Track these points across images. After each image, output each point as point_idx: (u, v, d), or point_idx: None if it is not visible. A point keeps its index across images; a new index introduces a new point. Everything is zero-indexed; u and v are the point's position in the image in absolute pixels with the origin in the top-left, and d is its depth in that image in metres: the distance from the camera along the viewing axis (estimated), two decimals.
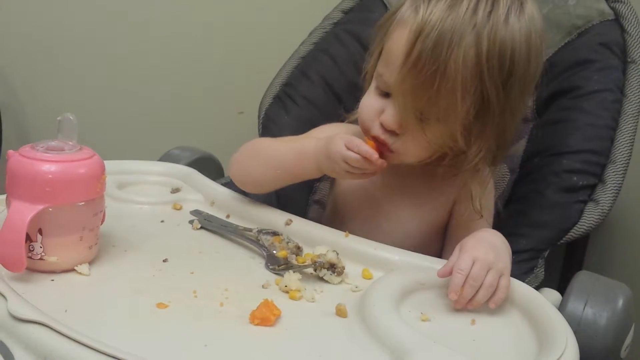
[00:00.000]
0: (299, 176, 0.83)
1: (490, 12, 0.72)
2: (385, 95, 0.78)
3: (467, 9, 0.71)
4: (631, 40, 0.92)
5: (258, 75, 1.14)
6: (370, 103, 0.80)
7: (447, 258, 0.75)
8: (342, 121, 0.98)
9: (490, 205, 0.87)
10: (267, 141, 0.90)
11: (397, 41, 0.75)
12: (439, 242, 0.89)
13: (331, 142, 0.76)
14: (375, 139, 0.79)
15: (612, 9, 0.94)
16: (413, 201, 0.87)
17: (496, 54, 0.72)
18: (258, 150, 0.86)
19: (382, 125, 0.78)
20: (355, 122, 0.89)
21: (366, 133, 0.82)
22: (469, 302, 0.67)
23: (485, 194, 0.84)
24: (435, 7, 0.72)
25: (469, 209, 0.83)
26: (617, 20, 0.94)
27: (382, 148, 0.79)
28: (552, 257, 0.91)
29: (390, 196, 0.88)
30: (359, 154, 0.74)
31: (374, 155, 0.74)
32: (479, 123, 0.75)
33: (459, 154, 0.80)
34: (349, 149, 0.75)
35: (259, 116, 1.07)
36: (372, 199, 0.88)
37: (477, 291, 0.66)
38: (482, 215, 0.82)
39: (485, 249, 0.68)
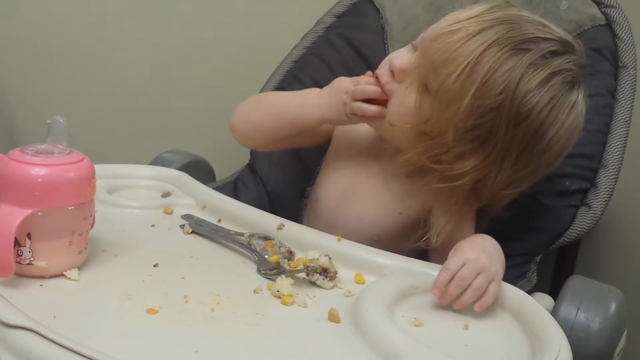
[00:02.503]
0: (297, 123, 0.85)
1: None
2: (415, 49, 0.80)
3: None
4: (623, 45, 0.93)
5: (250, 79, 1.13)
6: (397, 52, 0.82)
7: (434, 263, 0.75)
8: None
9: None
10: (272, 93, 0.95)
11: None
12: (409, 241, 0.85)
13: (337, 80, 0.83)
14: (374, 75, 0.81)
15: (604, 14, 0.95)
16: (386, 190, 0.85)
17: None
18: (261, 99, 0.91)
19: (390, 68, 0.80)
20: None
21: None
22: (455, 301, 0.67)
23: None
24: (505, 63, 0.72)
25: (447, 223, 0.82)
26: (609, 25, 0.94)
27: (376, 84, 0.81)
28: (543, 261, 0.91)
29: (367, 179, 0.87)
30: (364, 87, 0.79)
31: (378, 89, 0.79)
32: (477, 147, 0.75)
33: (445, 173, 0.78)
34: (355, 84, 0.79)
35: None
36: (349, 181, 0.88)
37: (465, 291, 0.66)
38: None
39: (479, 253, 0.68)
